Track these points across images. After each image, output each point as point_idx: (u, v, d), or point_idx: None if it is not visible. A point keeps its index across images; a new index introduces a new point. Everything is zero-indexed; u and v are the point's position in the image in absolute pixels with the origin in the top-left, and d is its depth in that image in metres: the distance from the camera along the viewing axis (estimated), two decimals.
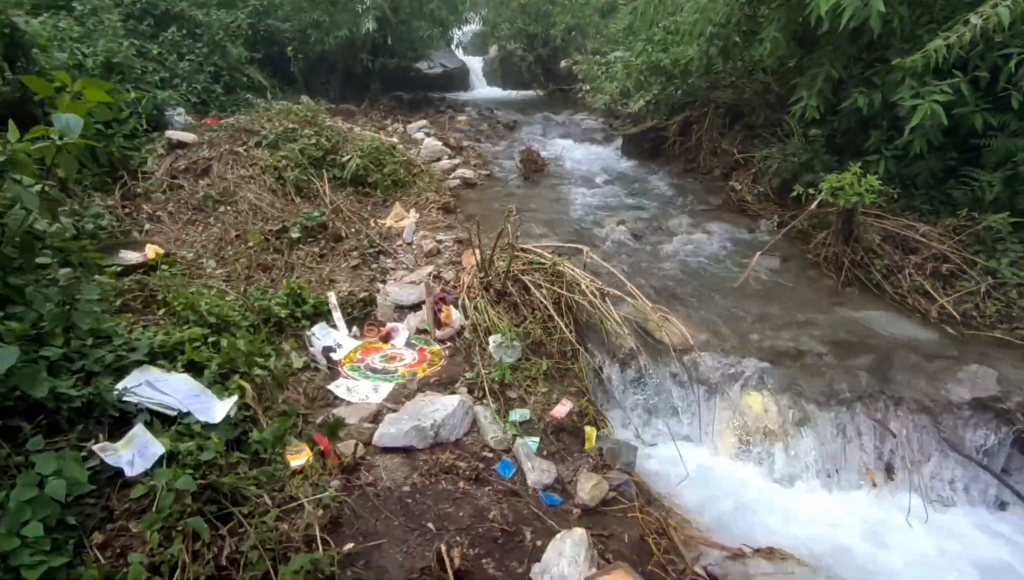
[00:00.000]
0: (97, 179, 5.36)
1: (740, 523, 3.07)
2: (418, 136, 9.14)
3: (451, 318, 3.98)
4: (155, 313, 3.36)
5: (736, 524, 3.06)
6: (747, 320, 4.52)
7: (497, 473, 2.92)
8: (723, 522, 3.07)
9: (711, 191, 7.72)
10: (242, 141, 6.31)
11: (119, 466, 2.16)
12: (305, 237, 5.05)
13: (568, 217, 6.76)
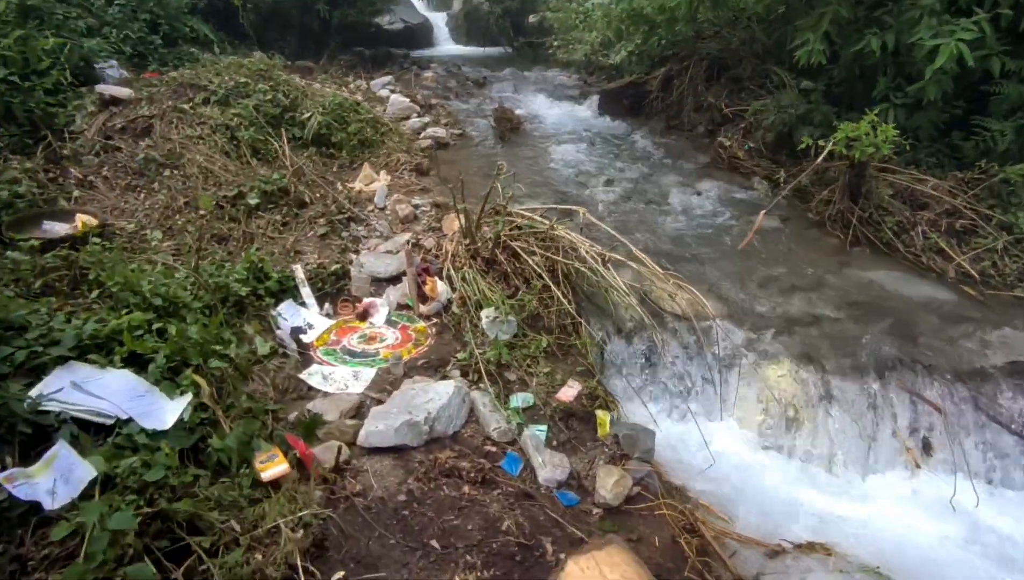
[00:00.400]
0: (15, 140, 4.63)
1: (770, 512, 2.78)
2: (383, 93, 8.46)
3: (437, 291, 3.53)
4: (85, 296, 2.81)
5: (766, 514, 2.76)
6: (753, 284, 4.21)
7: (504, 471, 2.53)
8: (752, 512, 2.76)
9: (698, 148, 7.35)
10: (188, 97, 5.59)
11: (34, 499, 1.69)
12: (265, 203, 4.48)
13: (551, 178, 6.30)
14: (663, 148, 7.45)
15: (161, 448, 2.07)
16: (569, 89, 10.57)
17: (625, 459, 2.71)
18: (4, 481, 1.66)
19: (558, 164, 6.83)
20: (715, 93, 7.71)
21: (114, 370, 2.27)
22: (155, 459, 1.97)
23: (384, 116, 7.11)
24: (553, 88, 10.60)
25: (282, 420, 2.59)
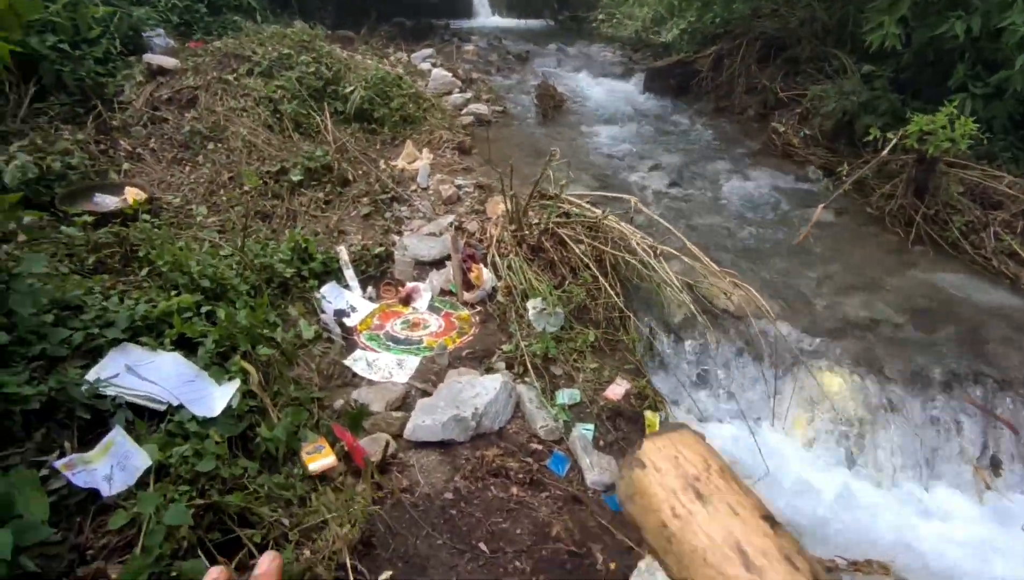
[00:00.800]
0: (65, 109, 4.67)
1: (824, 526, 2.67)
2: (424, 67, 8.31)
3: (482, 279, 3.45)
4: (136, 274, 2.81)
5: (820, 527, 2.66)
6: (809, 283, 4.03)
7: (550, 471, 2.47)
8: (804, 525, 2.66)
9: (748, 133, 7.07)
10: (231, 68, 5.56)
11: (92, 486, 1.68)
12: (308, 180, 4.44)
13: (595, 161, 6.13)
14: (712, 131, 7.19)
15: (210, 435, 2.06)
16: (613, 66, 10.25)
17: None
18: (63, 468, 1.65)
19: (602, 145, 6.65)
20: (769, 75, 7.38)
21: (165, 353, 2.26)
22: (205, 447, 1.96)
23: (426, 91, 6.99)
24: (597, 65, 10.29)
25: (327, 408, 2.57)
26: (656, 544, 0.34)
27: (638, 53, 10.76)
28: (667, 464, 0.35)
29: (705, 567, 0.30)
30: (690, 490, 0.33)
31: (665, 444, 0.35)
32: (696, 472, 0.34)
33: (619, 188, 5.39)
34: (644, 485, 0.35)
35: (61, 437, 1.75)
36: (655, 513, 0.34)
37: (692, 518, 0.32)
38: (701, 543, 0.31)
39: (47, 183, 3.60)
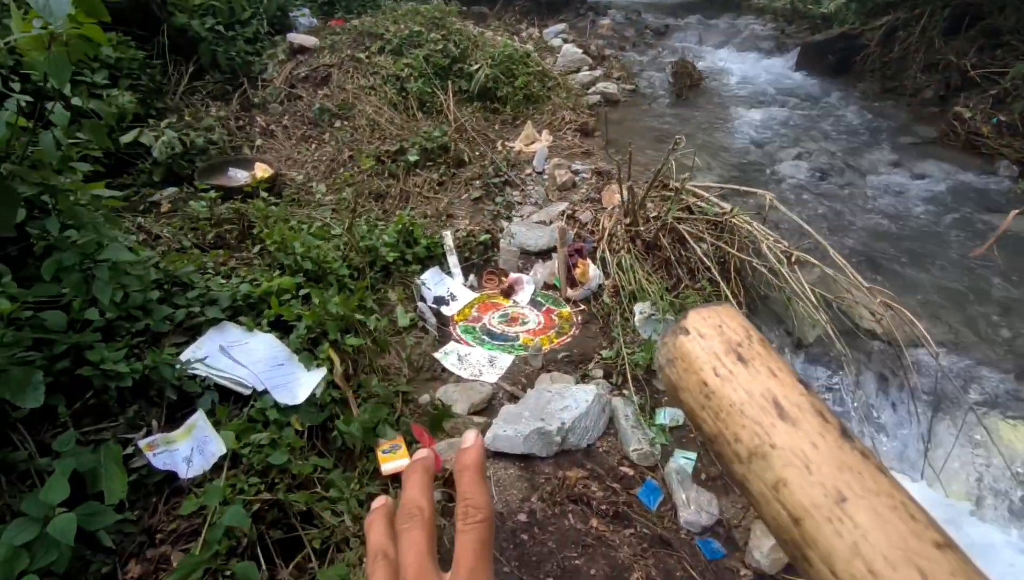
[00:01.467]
0: (217, 86, 5.03)
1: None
2: (555, 42, 8.04)
3: (588, 276, 3.21)
4: (249, 250, 2.92)
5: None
6: (987, 307, 3.33)
7: (639, 502, 2.22)
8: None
9: (921, 118, 6.07)
10: (364, 47, 5.70)
11: (171, 468, 1.72)
12: (424, 161, 4.43)
13: (731, 147, 5.57)
14: (875, 116, 6.26)
15: (290, 423, 2.06)
16: (762, 40, 9.30)
17: None
18: (146, 448, 1.71)
19: (741, 130, 6.03)
20: (957, 49, 6.26)
21: (260, 334, 2.30)
22: (282, 437, 1.95)
23: (553, 68, 6.75)
24: (744, 39, 9.40)
25: (412, 402, 2.51)
26: (694, 401, 0.32)
27: (792, 26, 9.68)
28: (711, 331, 0.33)
29: (742, 418, 0.30)
30: (732, 353, 0.32)
31: (710, 314, 0.33)
32: (739, 339, 0.32)
33: (755, 180, 4.85)
34: (687, 349, 0.33)
35: (150, 415, 1.81)
36: (696, 374, 0.32)
37: (732, 377, 0.31)
38: (739, 397, 0.30)
39: (190, 157, 3.87)
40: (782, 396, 0.30)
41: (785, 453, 0.29)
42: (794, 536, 0.28)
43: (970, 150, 5.16)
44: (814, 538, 0.27)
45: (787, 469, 0.29)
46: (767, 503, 0.30)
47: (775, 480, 0.29)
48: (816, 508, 0.28)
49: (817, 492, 0.28)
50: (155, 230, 2.77)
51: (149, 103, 4.12)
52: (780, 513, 0.29)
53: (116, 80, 3.83)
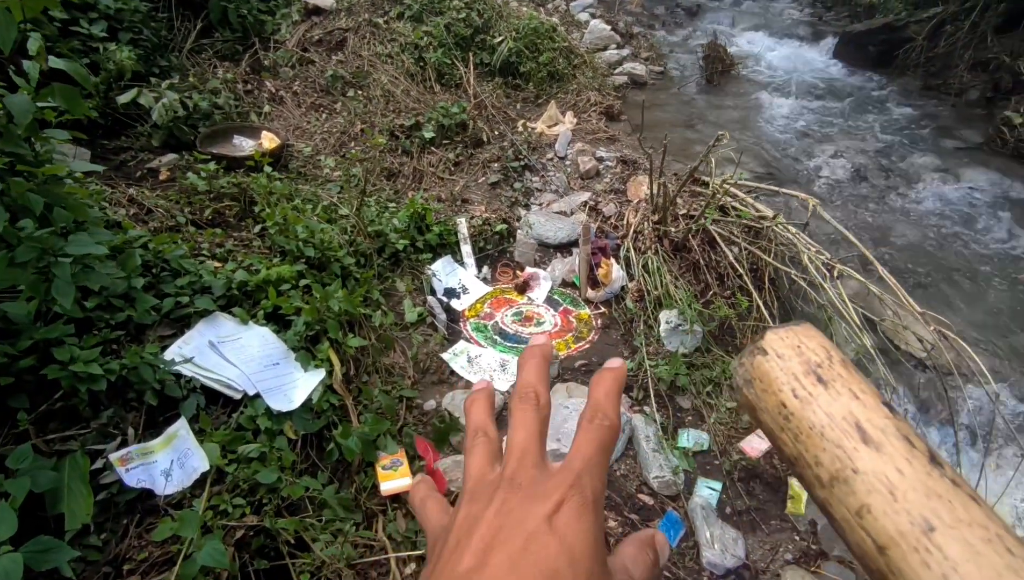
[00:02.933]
0: (227, 45, 4.76)
1: None
2: (582, 17, 7.67)
3: (611, 277, 2.99)
4: (249, 230, 2.70)
5: None
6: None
7: None
8: None
9: (966, 120, 5.75)
10: (383, 11, 5.39)
11: (145, 486, 1.54)
12: (440, 138, 4.16)
13: (764, 140, 5.28)
14: (916, 115, 5.94)
15: (283, 432, 1.87)
16: (798, 26, 8.88)
17: (821, 558, 2.07)
18: (118, 463, 1.52)
19: (773, 121, 5.73)
20: (1010, 47, 5.90)
21: (255, 327, 2.11)
22: (274, 447, 1.77)
23: (579, 45, 6.41)
24: (780, 24, 8.97)
25: (416, 408, 2.31)
26: (772, 423, 0.32)
27: (831, 12, 9.25)
28: (789, 351, 0.32)
29: (822, 441, 0.29)
30: (812, 375, 0.31)
31: (788, 335, 0.32)
32: (819, 360, 0.31)
33: (789, 177, 4.58)
34: (765, 370, 0.32)
35: (125, 422, 1.62)
36: (774, 395, 0.32)
37: (812, 399, 0.30)
38: (820, 420, 0.30)
39: (193, 122, 3.63)
40: (865, 419, 0.29)
41: (869, 478, 0.28)
42: (879, 565, 0.27)
43: (1019, 158, 4.87)
44: (900, 568, 0.26)
45: (871, 495, 0.28)
46: (851, 529, 0.28)
47: (858, 506, 0.28)
48: (902, 537, 0.26)
49: (903, 520, 0.26)
50: (148, 203, 2.55)
51: (152, 60, 3.87)
52: (864, 540, 0.28)
53: (116, 33, 3.57)
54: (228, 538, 1.49)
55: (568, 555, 0.29)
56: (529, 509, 0.31)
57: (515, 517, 0.30)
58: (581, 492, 0.31)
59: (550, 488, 0.31)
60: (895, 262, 3.60)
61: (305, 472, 1.85)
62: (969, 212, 4.22)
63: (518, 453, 0.34)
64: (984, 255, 3.75)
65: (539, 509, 0.30)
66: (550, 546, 0.29)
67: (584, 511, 0.31)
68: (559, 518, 0.30)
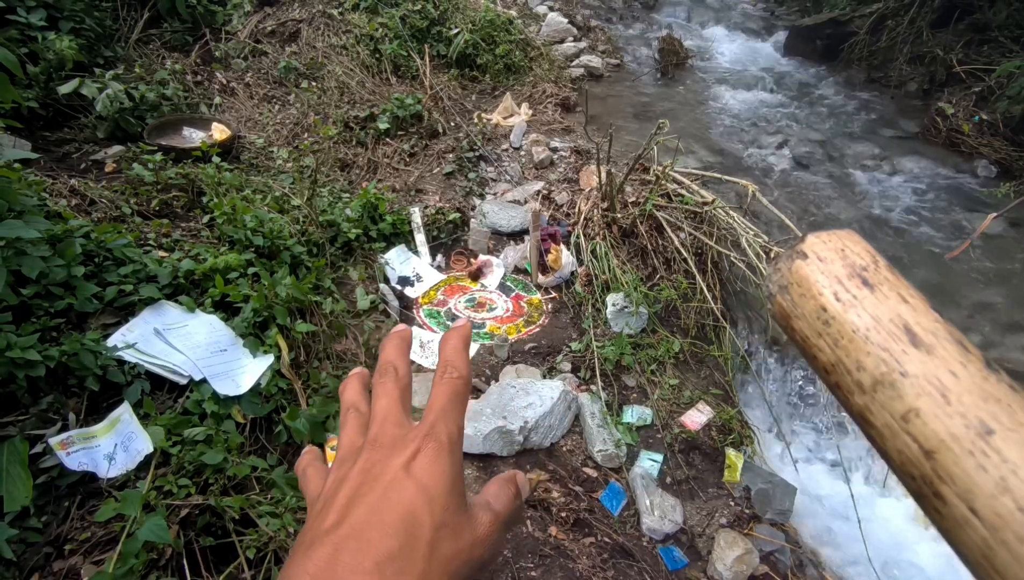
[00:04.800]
0: (176, 36, 4.68)
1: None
2: (540, 9, 7.72)
3: (561, 262, 3.07)
4: (198, 220, 2.70)
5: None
6: (959, 310, 3.30)
7: (601, 505, 2.13)
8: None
9: (905, 112, 6.00)
10: (338, 2, 5.36)
11: (87, 469, 1.55)
12: (395, 129, 4.19)
13: (714, 129, 5.43)
14: (859, 106, 6.18)
15: (231, 416, 1.90)
16: (752, 20, 9.10)
17: (754, 521, 2.20)
18: (58, 446, 1.53)
19: (724, 112, 5.89)
20: (944, 42, 6.18)
21: (202, 314, 2.12)
22: (221, 431, 1.80)
23: (537, 37, 6.48)
24: (734, 18, 9.18)
25: None
26: (808, 330, 0.29)
27: (782, 7, 9.50)
28: (832, 255, 0.29)
29: (866, 345, 0.28)
30: (856, 278, 0.29)
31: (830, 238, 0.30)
32: (864, 264, 0.29)
33: (736, 165, 4.74)
34: (804, 274, 0.29)
35: (66, 407, 1.63)
36: (814, 299, 0.29)
37: (856, 302, 0.28)
38: (864, 323, 0.28)
39: (140, 113, 3.58)
40: (914, 322, 0.28)
41: (919, 381, 0.27)
42: (925, 471, 0.26)
43: (951, 147, 5.12)
44: (951, 472, 0.25)
45: (920, 398, 0.26)
46: (893, 435, 0.27)
47: (905, 410, 0.27)
48: (955, 440, 0.25)
49: (957, 423, 0.25)
50: (91, 194, 2.53)
51: (95, 50, 3.79)
52: (909, 446, 0.27)
53: (56, 22, 3.49)
54: (173, 517, 1.52)
55: (425, 495, 0.31)
56: (388, 463, 0.33)
57: (375, 471, 0.33)
58: (436, 439, 0.34)
59: (408, 440, 0.34)
60: None
61: (254, 454, 1.88)
62: (903, 196, 4.44)
63: (380, 418, 0.37)
64: (916, 236, 3.96)
65: (397, 460, 0.33)
66: (407, 490, 0.31)
67: (440, 455, 0.33)
68: (415, 464, 0.32)
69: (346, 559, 0.29)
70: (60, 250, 1.81)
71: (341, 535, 0.30)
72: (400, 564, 0.29)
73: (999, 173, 4.67)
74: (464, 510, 0.33)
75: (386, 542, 0.30)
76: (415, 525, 0.30)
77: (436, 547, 0.31)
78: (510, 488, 0.37)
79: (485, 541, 0.33)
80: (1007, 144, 4.78)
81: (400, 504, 0.31)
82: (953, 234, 3.99)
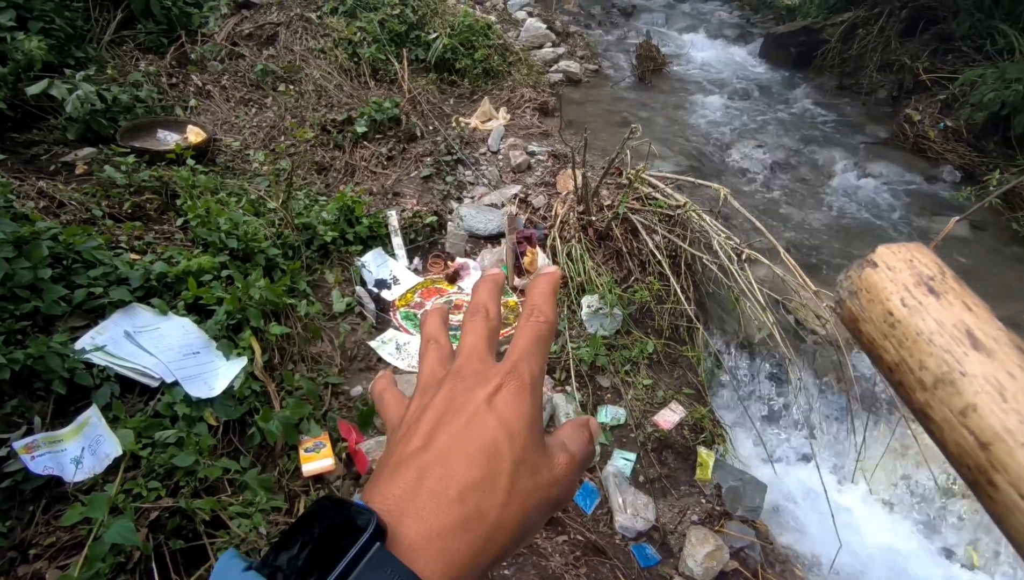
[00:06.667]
0: (151, 38, 4.63)
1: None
2: (519, 15, 7.78)
3: (537, 265, 3.10)
4: (171, 223, 2.68)
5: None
6: None
7: (575, 504, 2.15)
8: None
9: (875, 117, 6.16)
10: (316, 5, 5.36)
11: (52, 473, 1.54)
12: (373, 132, 4.19)
13: (690, 134, 5.52)
14: (831, 112, 6.32)
15: (204, 418, 1.89)
16: (728, 27, 9.26)
17: (725, 518, 2.24)
18: (23, 450, 1.51)
19: (700, 117, 5.99)
20: (911, 51, 6.36)
21: (174, 317, 2.11)
22: (193, 433, 1.79)
23: (515, 42, 6.53)
24: (710, 25, 9.34)
25: (342, 395, 2.36)
26: (875, 331, 0.33)
27: (758, 15, 9.70)
28: (901, 264, 0.33)
29: (929, 346, 0.30)
30: (923, 286, 0.32)
31: (900, 250, 0.33)
32: (931, 274, 0.32)
33: (712, 169, 4.82)
34: (873, 281, 0.33)
35: (32, 411, 1.62)
36: (881, 304, 0.33)
37: (922, 307, 0.31)
38: (928, 327, 0.30)
39: (113, 115, 3.54)
40: (976, 328, 0.30)
41: (977, 380, 0.29)
42: (979, 461, 0.28)
43: (918, 153, 5.26)
44: (1004, 462, 0.27)
45: (978, 396, 0.28)
46: (951, 428, 0.29)
47: (964, 406, 0.29)
48: (1009, 433, 0.27)
49: (1012, 419, 0.27)
50: (60, 196, 2.50)
51: (66, 51, 3.74)
52: (966, 438, 0.29)
53: (25, 22, 3.44)
54: (142, 520, 1.51)
55: (506, 429, 0.32)
56: (471, 395, 0.34)
57: (459, 402, 0.34)
58: (519, 377, 0.35)
59: (490, 375, 0.36)
60: (804, 246, 3.86)
61: (227, 457, 1.88)
62: (872, 200, 4.56)
63: (466, 351, 0.38)
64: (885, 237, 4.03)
65: (480, 393, 0.34)
66: (490, 423, 0.33)
67: (522, 393, 0.34)
68: (498, 399, 0.34)
69: (431, 485, 0.30)
70: (26, 252, 1.79)
71: (426, 460, 0.31)
72: (481, 494, 0.30)
73: (963, 177, 4.81)
74: (542, 449, 0.34)
75: (470, 472, 0.31)
76: (497, 458, 0.32)
77: (516, 482, 0.32)
78: (584, 432, 0.38)
79: (561, 481, 0.34)
80: (970, 150, 4.93)
81: (483, 436, 0.32)
82: (921, 236, 4.09)
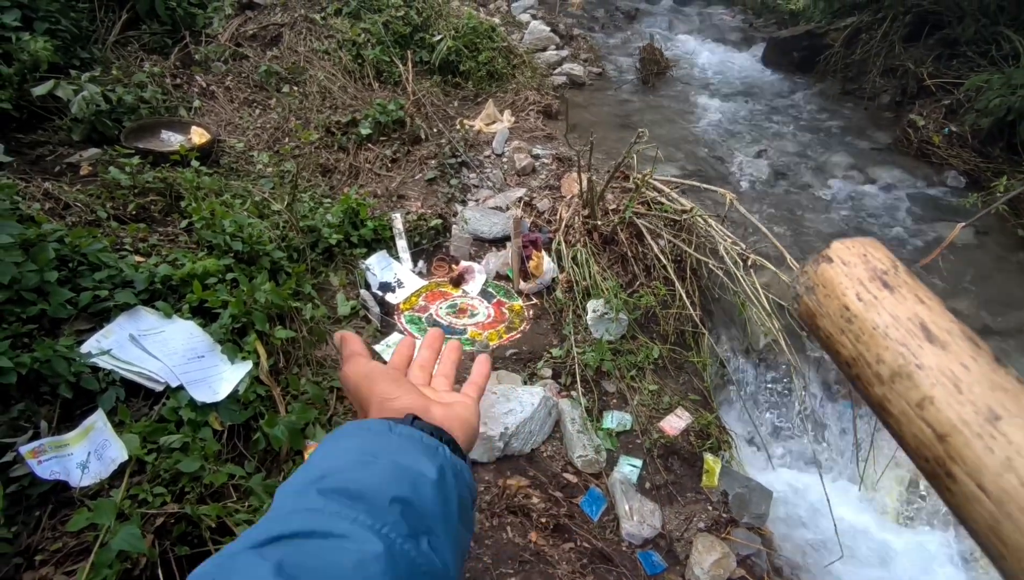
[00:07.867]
0: (156, 38, 4.63)
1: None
2: (523, 17, 7.79)
3: (542, 269, 3.09)
4: (176, 225, 2.67)
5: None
6: None
7: (581, 511, 2.14)
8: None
9: (878, 123, 6.15)
10: (320, 7, 5.35)
11: (59, 477, 1.53)
12: (377, 135, 4.18)
13: (693, 138, 5.52)
14: (834, 117, 6.31)
15: (208, 423, 1.88)
16: (731, 32, 9.27)
17: (731, 525, 2.22)
18: (29, 455, 1.50)
19: (704, 121, 5.99)
20: (915, 56, 6.34)
21: (179, 320, 2.10)
22: (198, 438, 1.78)
23: (519, 45, 6.52)
24: (713, 29, 9.34)
25: (347, 399, 2.34)
26: (832, 327, 0.33)
27: (760, 19, 9.70)
28: (855, 259, 0.33)
29: (885, 340, 0.30)
30: (877, 280, 0.32)
31: (854, 245, 0.33)
32: (884, 268, 0.33)
33: (715, 174, 4.82)
34: (829, 276, 0.33)
35: (38, 415, 1.60)
36: (837, 299, 0.33)
37: (876, 302, 0.32)
38: (884, 321, 0.31)
39: (117, 116, 3.53)
40: (930, 321, 0.30)
41: (933, 373, 0.28)
42: (937, 452, 0.28)
43: (922, 158, 5.25)
44: (961, 453, 0.27)
45: (935, 388, 0.28)
46: (909, 421, 0.29)
47: (920, 398, 0.28)
48: (965, 425, 0.27)
49: (967, 410, 0.27)
50: (66, 198, 2.49)
51: (71, 52, 3.73)
52: (924, 430, 0.28)
53: (31, 23, 3.44)
54: (148, 526, 1.50)
55: None
56: None
57: None
58: None
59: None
60: (808, 251, 3.85)
61: (231, 462, 1.86)
62: (876, 206, 4.55)
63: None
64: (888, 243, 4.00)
65: None
66: None
67: None
68: None
69: None
70: (33, 255, 1.78)
71: None
72: None
73: (968, 183, 4.80)
74: None
75: None
76: None
77: None
78: None
79: None
80: (975, 155, 4.92)
81: None
82: (925, 242, 4.09)
